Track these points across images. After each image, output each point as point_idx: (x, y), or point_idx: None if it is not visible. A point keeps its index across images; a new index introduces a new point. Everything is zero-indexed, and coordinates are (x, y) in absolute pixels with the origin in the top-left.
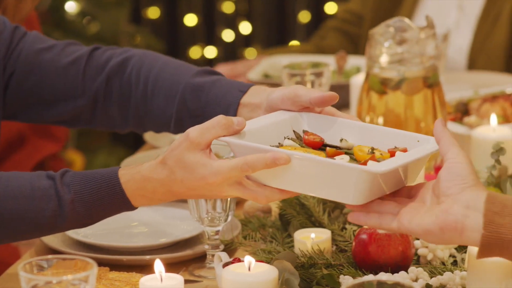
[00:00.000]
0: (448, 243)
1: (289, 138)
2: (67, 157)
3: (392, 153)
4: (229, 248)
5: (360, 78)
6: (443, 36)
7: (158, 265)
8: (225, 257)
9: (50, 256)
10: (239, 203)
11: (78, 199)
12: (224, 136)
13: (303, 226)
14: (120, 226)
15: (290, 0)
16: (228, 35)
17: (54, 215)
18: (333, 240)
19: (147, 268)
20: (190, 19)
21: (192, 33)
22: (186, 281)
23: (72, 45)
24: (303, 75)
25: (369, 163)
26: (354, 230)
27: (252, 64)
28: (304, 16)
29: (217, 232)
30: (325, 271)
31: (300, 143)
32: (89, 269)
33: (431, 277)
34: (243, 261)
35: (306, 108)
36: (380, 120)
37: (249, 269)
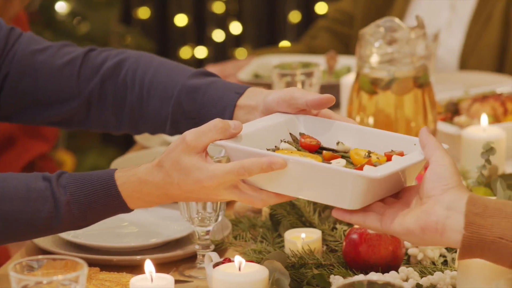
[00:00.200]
0: (429, 244)
1: (285, 141)
2: (57, 157)
3: (389, 157)
4: (220, 248)
5: (350, 78)
6: (433, 36)
7: (148, 265)
8: (215, 257)
9: (41, 257)
10: (229, 203)
11: (74, 200)
12: (220, 139)
13: (293, 226)
14: (111, 226)
15: (281, 0)
16: (218, 35)
17: (50, 217)
18: (324, 240)
19: (138, 268)
20: (181, 19)
21: (183, 33)
22: (176, 281)
23: (67, 46)
24: (293, 75)
25: (365, 168)
26: (345, 230)
27: (242, 64)
28: (295, 16)
29: (207, 232)
30: (315, 271)
31: (297, 146)
32: (79, 270)
33: (422, 277)
34: (233, 261)
35: (302, 110)
36: (370, 120)
37: (239, 269)
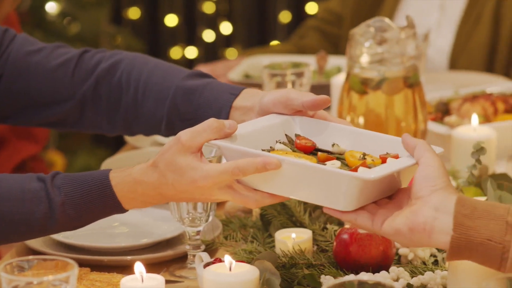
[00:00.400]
0: (417, 245)
1: (281, 142)
2: (47, 158)
3: (384, 159)
4: (210, 249)
5: (340, 78)
6: (423, 36)
7: (139, 266)
8: (206, 257)
9: (31, 257)
10: (220, 203)
11: (68, 201)
12: (215, 139)
13: (284, 226)
14: (101, 227)
15: (271, 0)
16: (208, 35)
17: (45, 217)
18: (314, 240)
19: (128, 268)
20: (171, 20)
21: (173, 33)
22: (167, 281)
23: (61, 47)
24: (283, 75)
25: (359, 170)
26: (335, 230)
27: (232, 64)
28: (285, 16)
29: (198, 233)
30: (306, 271)
31: (292, 147)
32: (69, 270)
33: (412, 277)
34: (224, 261)
35: (298, 111)
36: (360, 120)
37: (230, 269)
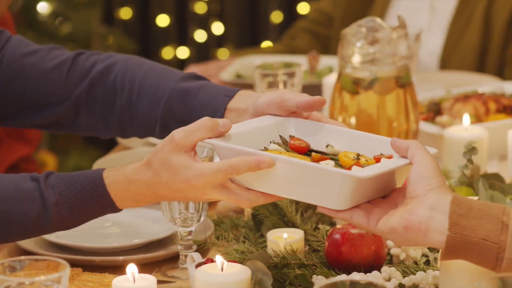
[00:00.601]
0: (412, 244)
1: (275, 143)
2: (39, 158)
3: (378, 160)
4: (202, 249)
5: (332, 78)
6: (415, 36)
7: (132, 267)
8: (198, 257)
9: (23, 257)
10: (212, 203)
11: (62, 200)
12: (209, 138)
13: (275, 226)
14: (93, 227)
15: (263, 1)
16: (200, 35)
17: (39, 217)
18: (306, 240)
19: (120, 268)
20: (162, 20)
21: (165, 33)
22: (159, 281)
23: (56, 49)
24: (275, 75)
25: (353, 168)
26: (327, 230)
27: (224, 64)
28: (277, 16)
29: (190, 233)
30: (298, 271)
31: (286, 148)
32: (61, 270)
33: (404, 277)
34: (215, 262)
35: (293, 113)
36: (352, 120)
37: (221, 270)
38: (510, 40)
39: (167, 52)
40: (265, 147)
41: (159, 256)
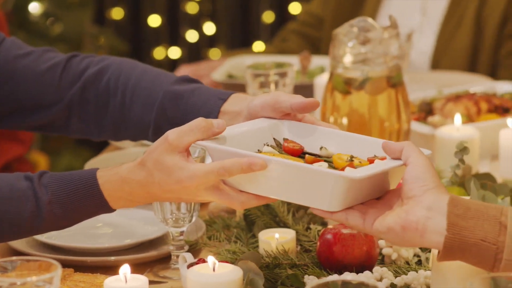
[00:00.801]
0: (409, 244)
1: (268, 145)
2: (31, 158)
3: (371, 162)
4: (194, 249)
5: (324, 78)
6: (406, 36)
7: (125, 268)
8: (189, 257)
9: (14, 258)
10: (203, 203)
11: (55, 200)
12: (203, 139)
13: (267, 226)
14: (85, 227)
15: (254, 1)
16: (192, 35)
17: (32, 216)
18: (298, 240)
19: (112, 269)
20: (154, 20)
21: (156, 33)
22: (150, 282)
23: (50, 51)
24: (267, 76)
25: (346, 169)
26: (319, 230)
27: (215, 64)
28: (268, 16)
29: (181, 233)
30: (289, 271)
31: (280, 150)
32: (53, 271)
33: (396, 277)
34: (207, 262)
35: (287, 115)
36: (344, 120)
37: (213, 270)
38: (502, 41)
39: (158, 52)
40: (258, 150)
41: (151, 257)
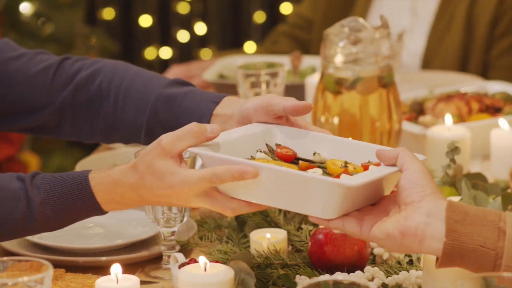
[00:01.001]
0: (407, 251)
1: (261, 151)
2: (22, 159)
3: (366, 167)
4: (185, 249)
5: (315, 78)
6: (397, 36)
7: (116, 267)
8: (181, 258)
9: (5, 258)
10: None
11: (47, 201)
12: (196, 144)
13: (259, 226)
14: (76, 228)
15: (245, 1)
16: (183, 35)
17: (24, 217)
18: (289, 240)
19: (103, 269)
20: (145, 20)
21: (147, 34)
22: (142, 282)
23: (42, 54)
24: (258, 76)
25: (341, 177)
26: (310, 230)
27: (207, 65)
28: (259, 17)
29: (173, 233)
30: (281, 271)
31: (273, 156)
32: (44, 271)
33: (387, 277)
34: (199, 262)
35: (279, 118)
36: (335, 120)
37: (205, 270)
38: (493, 41)
39: (150, 53)
40: (251, 156)
41: (142, 257)
